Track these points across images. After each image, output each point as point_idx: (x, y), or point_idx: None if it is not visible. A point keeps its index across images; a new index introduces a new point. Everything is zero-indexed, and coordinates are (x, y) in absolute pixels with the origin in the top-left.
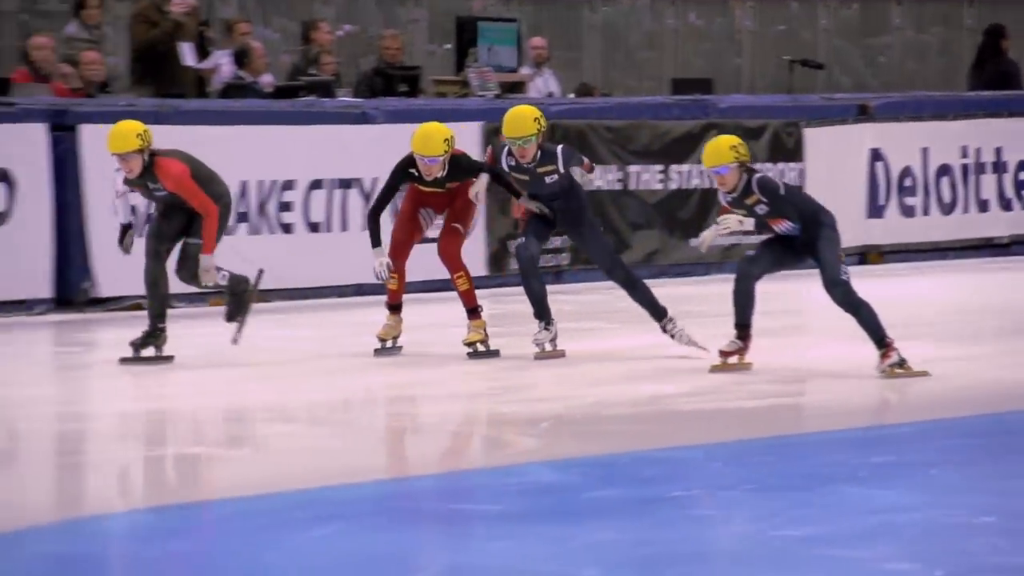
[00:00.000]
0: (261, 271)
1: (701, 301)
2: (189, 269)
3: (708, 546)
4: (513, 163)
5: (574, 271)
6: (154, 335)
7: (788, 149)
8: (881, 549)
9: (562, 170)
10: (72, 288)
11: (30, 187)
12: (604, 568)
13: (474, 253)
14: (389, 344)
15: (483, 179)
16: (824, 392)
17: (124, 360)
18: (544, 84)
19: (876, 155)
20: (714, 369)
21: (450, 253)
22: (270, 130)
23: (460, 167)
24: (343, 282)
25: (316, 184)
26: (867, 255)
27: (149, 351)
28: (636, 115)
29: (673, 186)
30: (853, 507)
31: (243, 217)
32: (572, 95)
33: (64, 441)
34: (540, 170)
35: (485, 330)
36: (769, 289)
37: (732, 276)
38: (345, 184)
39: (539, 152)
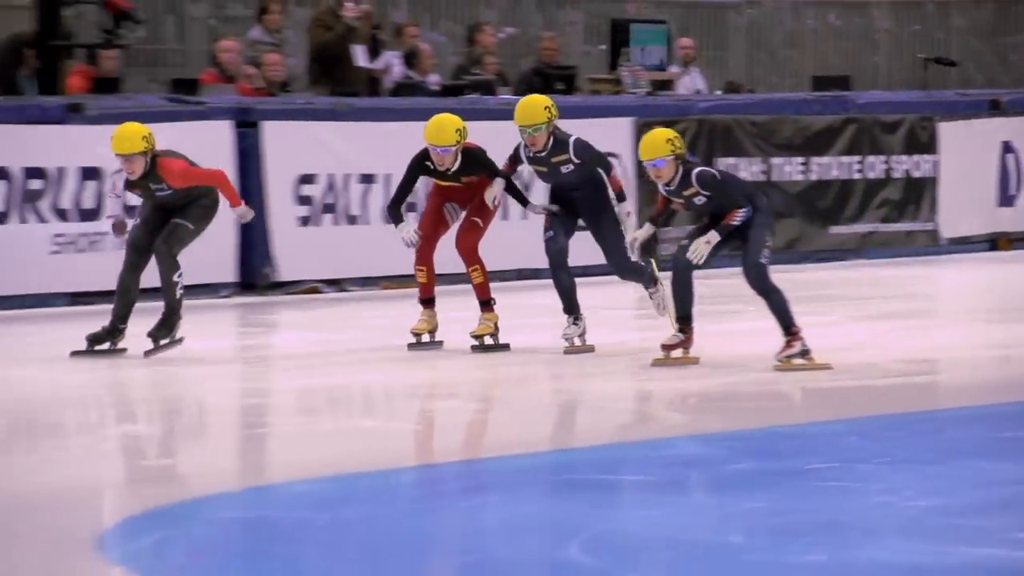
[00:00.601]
0: (182, 339)
1: (840, 285)
2: (168, 244)
3: (842, 516)
4: (530, 154)
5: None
6: (112, 333)
7: (923, 143)
8: (1009, 519)
9: (575, 160)
10: (254, 273)
11: None
12: (745, 535)
13: None
14: (425, 338)
15: (498, 184)
16: (952, 371)
17: (75, 353)
18: (692, 82)
19: (1007, 147)
20: (656, 363)
21: (467, 246)
22: None
23: (474, 160)
24: (504, 267)
25: None
26: (997, 241)
27: (104, 346)
28: (779, 111)
29: (813, 177)
30: (982, 479)
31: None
32: (719, 92)
33: (248, 415)
34: (554, 160)
35: (496, 324)
36: (901, 274)
37: (870, 261)
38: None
39: (551, 141)
